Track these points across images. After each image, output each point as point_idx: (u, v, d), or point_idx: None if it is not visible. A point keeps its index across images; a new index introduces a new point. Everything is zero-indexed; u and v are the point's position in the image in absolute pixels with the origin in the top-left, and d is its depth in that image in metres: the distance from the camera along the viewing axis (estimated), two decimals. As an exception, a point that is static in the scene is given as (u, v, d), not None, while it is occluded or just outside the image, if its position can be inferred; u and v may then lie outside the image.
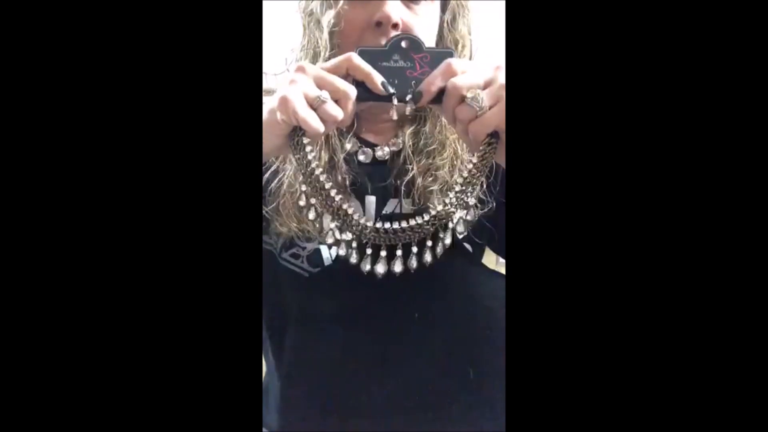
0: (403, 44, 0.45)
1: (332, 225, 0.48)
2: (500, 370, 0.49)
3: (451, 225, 0.48)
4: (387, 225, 0.46)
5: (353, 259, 0.49)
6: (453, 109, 0.44)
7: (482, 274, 0.64)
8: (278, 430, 0.62)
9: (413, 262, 0.48)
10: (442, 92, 0.44)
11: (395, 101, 0.45)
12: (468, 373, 0.53)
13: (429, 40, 0.59)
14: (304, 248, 0.61)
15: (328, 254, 0.60)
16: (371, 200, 0.60)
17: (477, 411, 0.56)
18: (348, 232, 0.47)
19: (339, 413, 0.54)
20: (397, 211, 0.60)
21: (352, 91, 0.44)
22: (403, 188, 0.59)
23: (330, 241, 0.49)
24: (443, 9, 0.61)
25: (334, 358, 0.54)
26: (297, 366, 0.55)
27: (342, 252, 0.49)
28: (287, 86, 0.43)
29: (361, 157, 0.61)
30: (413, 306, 0.59)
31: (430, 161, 0.59)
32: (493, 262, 0.66)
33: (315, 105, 0.42)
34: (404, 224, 0.45)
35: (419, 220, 0.45)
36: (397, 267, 0.48)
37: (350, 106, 0.44)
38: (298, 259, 0.62)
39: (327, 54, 0.56)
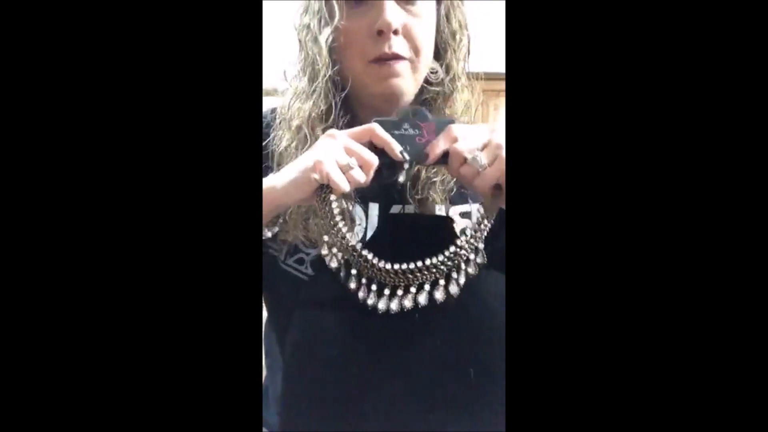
0: (412, 115, 0.53)
1: (353, 272, 0.53)
2: (501, 370, 0.49)
3: (463, 266, 0.53)
4: (404, 266, 0.51)
5: (371, 300, 0.53)
6: (458, 170, 0.51)
7: (482, 273, 0.64)
8: (278, 430, 0.62)
9: (423, 299, 0.52)
10: (446, 153, 0.52)
11: (406, 166, 0.52)
12: (469, 373, 0.53)
13: (429, 39, 0.62)
14: (308, 254, 0.62)
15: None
16: (374, 207, 0.62)
17: (477, 411, 0.56)
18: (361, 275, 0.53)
19: (339, 413, 0.54)
20: (402, 212, 0.62)
21: (375, 160, 0.51)
22: (409, 185, 0.61)
23: (353, 286, 0.54)
24: (439, 4, 0.63)
25: (333, 358, 0.55)
26: (297, 366, 0.55)
27: (362, 294, 0.53)
28: (321, 151, 0.50)
29: None
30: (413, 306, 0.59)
31: None
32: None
33: (344, 170, 0.49)
34: (419, 263, 0.51)
35: (434, 260, 0.51)
36: (408, 302, 0.52)
37: (371, 172, 0.51)
38: (302, 265, 0.62)
39: (328, 72, 0.58)
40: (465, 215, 0.63)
